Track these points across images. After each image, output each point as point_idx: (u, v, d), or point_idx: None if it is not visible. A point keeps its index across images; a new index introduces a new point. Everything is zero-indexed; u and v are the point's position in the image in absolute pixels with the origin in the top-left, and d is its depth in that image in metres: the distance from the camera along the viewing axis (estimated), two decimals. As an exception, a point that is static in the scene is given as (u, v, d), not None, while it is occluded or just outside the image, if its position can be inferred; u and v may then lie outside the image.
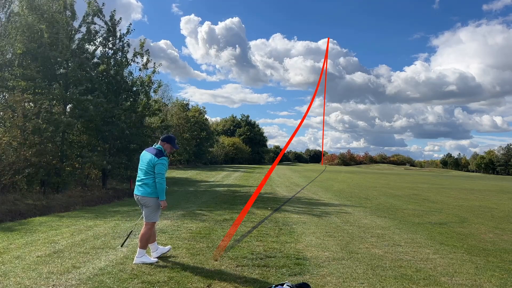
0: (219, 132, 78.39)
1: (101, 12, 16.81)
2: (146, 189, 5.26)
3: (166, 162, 5.33)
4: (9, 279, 4.38)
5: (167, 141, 5.42)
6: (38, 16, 15.02)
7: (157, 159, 5.22)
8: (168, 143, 5.43)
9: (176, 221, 8.58)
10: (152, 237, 5.47)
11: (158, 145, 5.40)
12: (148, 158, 5.30)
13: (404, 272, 5.18)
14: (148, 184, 5.25)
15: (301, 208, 11.87)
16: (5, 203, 11.02)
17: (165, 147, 5.40)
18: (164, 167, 5.25)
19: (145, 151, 5.50)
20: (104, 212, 10.45)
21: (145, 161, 5.33)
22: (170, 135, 5.50)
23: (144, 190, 5.27)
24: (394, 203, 14.41)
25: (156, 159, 5.22)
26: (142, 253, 5.22)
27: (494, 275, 5.19)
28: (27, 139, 13.38)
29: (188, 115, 48.49)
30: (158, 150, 5.33)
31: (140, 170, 5.40)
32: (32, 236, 6.87)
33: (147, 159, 5.31)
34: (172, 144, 5.46)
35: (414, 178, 41.73)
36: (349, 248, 6.45)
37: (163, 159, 5.26)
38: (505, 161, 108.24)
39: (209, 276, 4.70)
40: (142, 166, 5.35)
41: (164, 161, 5.27)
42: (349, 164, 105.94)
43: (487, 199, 17.89)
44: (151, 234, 5.36)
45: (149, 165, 5.26)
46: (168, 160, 5.48)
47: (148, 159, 5.29)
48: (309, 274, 4.93)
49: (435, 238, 7.72)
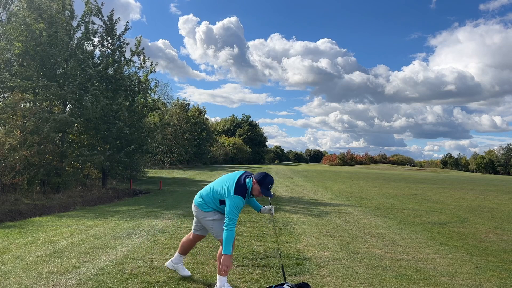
0: (219, 132, 78.39)
1: (100, 11, 16.83)
2: (199, 200, 4.31)
3: (241, 204, 4.01)
4: (9, 279, 4.38)
5: (259, 182, 4.07)
6: (37, 16, 15.04)
7: (232, 194, 3.97)
8: (260, 185, 4.07)
9: (176, 221, 8.58)
10: (184, 248, 4.67)
11: (249, 179, 4.10)
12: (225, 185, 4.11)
13: (404, 272, 5.17)
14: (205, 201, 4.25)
15: (301, 208, 11.87)
16: (5, 203, 11.02)
17: (253, 187, 4.09)
18: (235, 210, 3.95)
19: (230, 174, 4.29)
20: (104, 212, 10.45)
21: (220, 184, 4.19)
22: (268, 176, 4.10)
23: (198, 197, 4.35)
24: (394, 203, 14.41)
25: (230, 193, 3.99)
26: (223, 281, 4.09)
27: (494, 275, 5.19)
28: (27, 139, 13.40)
29: (188, 115, 48.49)
30: (242, 185, 4.05)
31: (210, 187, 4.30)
32: (32, 236, 6.87)
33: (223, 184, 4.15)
34: (263, 189, 4.07)
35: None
36: (349, 248, 6.45)
37: (238, 197, 3.97)
38: (505, 161, 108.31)
39: (209, 276, 4.70)
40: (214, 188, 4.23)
41: (239, 201, 3.98)
42: (349, 164, 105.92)
43: (487, 199, 17.89)
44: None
45: (217, 193, 4.15)
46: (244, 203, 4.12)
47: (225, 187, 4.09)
48: (309, 274, 4.93)
49: (435, 238, 7.72)
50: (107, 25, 17.22)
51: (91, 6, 16.60)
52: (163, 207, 11.33)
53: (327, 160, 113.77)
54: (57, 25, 15.17)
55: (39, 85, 14.38)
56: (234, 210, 3.94)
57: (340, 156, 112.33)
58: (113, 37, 17.53)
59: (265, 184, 4.06)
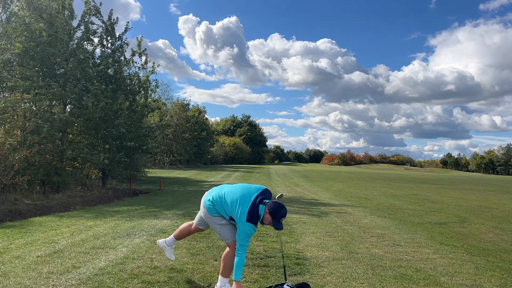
0: (219, 132, 78.37)
1: (99, 11, 16.82)
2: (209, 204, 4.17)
3: (252, 231, 3.93)
4: (9, 279, 4.38)
5: (272, 214, 3.91)
6: (37, 16, 15.03)
7: (244, 221, 3.87)
8: (272, 217, 3.92)
9: (176, 221, 8.58)
10: (181, 235, 4.71)
11: (262, 206, 3.96)
12: (239, 206, 3.96)
13: (404, 272, 5.18)
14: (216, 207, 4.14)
15: (301, 208, 11.87)
16: (5, 203, 11.02)
17: (265, 217, 3.95)
18: (246, 237, 3.87)
19: (245, 189, 4.14)
20: (104, 212, 10.45)
21: (234, 198, 4.03)
22: (282, 208, 3.94)
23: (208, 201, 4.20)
24: (394, 203, 14.41)
25: (242, 219, 3.88)
26: (224, 282, 4.12)
27: (494, 275, 5.19)
28: (27, 139, 13.40)
29: (188, 115, 48.50)
30: (255, 213, 3.93)
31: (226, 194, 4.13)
32: (32, 236, 6.87)
33: (237, 201, 3.99)
34: (275, 222, 3.93)
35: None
36: (349, 248, 6.45)
37: (249, 225, 3.88)
38: (505, 161, 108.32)
39: (209, 276, 4.70)
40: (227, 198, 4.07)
41: (250, 229, 3.89)
42: (349, 164, 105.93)
43: (487, 199, 17.89)
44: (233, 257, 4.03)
45: (229, 207, 4.02)
46: (255, 230, 4.02)
47: (238, 209, 3.95)
48: (309, 274, 4.93)
49: (435, 238, 7.72)
50: (106, 25, 17.22)
51: (90, 6, 16.59)
52: (163, 207, 11.33)
53: (327, 160, 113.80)
54: (57, 25, 15.17)
55: (39, 85, 14.38)
56: (245, 238, 3.88)
57: (340, 156, 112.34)
58: (113, 37, 17.53)
59: (277, 217, 3.91)
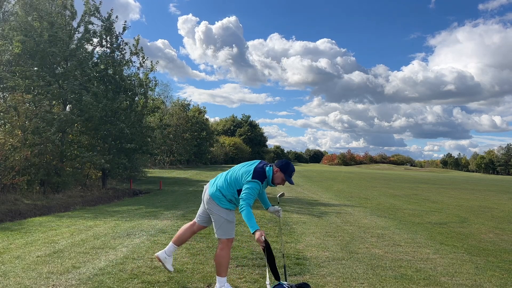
0: (219, 132, 78.36)
1: (98, 11, 16.82)
2: (217, 193, 4.02)
3: (258, 188, 3.86)
4: (9, 279, 4.38)
5: (283, 169, 3.96)
6: (37, 16, 15.03)
7: (250, 178, 3.84)
8: (284, 173, 3.96)
9: (176, 221, 8.58)
10: (181, 240, 4.44)
11: (269, 167, 3.98)
12: (241, 171, 3.98)
13: (404, 272, 5.17)
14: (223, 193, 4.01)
15: (301, 208, 11.87)
16: (5, 203, 11.02)
17: (275, 176, 3.96)
18: (251, 193, 3.79)
19: (244, 163, 4.21)
20: (104, 212, 10.45)
21: (236, 171, 4.04)
22: (290, 163, 4.03)
23: (215, 190, 4.04)
24: (394, 203, 14.41)
25: (248, 178, 3.85)
26: (222, 282, 4.03)
27: (494, 275, 5.19)
28: (27, 139, 13.40)
29: (188, 115, 48.50)
30: (261, 172, 3.92)
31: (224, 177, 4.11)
32: (32, 236, 6.87)
33: (239, 170, 4.02)
34: (287, 177, 3.99)
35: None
36: (349, 248, 6.44)
37: (255, 182, 3.84)
38: (505, 161, 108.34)
39: (209, 276, 4.69)
40: (229, 175, 4.06)
41: (256, 185, 3.84)
42: (349, 164, 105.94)
43: (487, 199, 17.89)
44: (228, 257, 4.05)
45: (236, 180, 3.96)
46: (261, 189, 4.02)
47: (242, 172, 3.96)
48: (309, 274, 4.93)
49: (435, 238, 7.72)
50: (105, 24, 17.22)
51: (90, 6, 16.58)
52: (163, 207, 11.33)
53: (327, 160, 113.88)
54: (57, 25, 15.17)
55: (39, 85, 14.39)
56: (249, 192, 3.78)
57: (340, 156, 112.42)
58: (112, 36, 17.52)
59: (288, 171, 3.98)
